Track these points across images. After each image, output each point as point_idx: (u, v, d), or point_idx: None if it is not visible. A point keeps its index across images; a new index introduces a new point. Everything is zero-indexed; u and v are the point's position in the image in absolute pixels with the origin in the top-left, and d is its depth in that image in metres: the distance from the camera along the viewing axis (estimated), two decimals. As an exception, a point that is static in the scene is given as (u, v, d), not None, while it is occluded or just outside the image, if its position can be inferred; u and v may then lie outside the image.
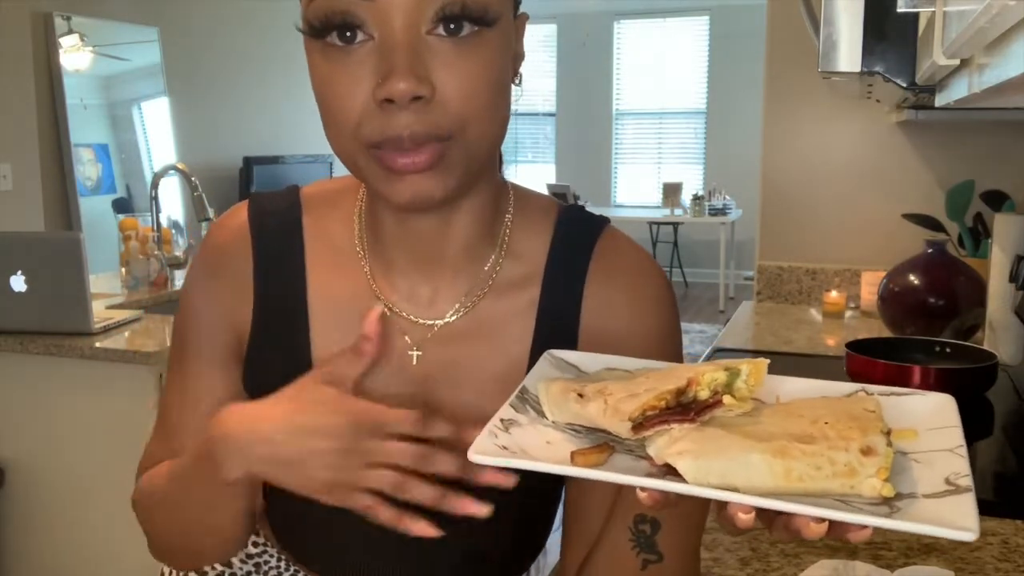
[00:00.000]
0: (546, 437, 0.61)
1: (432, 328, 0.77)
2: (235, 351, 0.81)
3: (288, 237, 0.81)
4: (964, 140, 2.42)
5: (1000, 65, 0.55)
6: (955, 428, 0.59)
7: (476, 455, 0.56)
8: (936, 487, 0.53)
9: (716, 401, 0.58)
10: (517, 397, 0.63)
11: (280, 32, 6.07)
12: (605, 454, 0.58)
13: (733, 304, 7.22)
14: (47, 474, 2.36)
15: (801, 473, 0.53)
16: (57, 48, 4.54)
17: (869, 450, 0.54)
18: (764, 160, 2.62)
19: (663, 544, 0.72)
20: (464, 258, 0.76)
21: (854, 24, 0.95)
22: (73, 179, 4.65)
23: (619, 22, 9.23)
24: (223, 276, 0.81)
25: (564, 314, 0.78)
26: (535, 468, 0.56)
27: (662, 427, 0.57)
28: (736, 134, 8.63)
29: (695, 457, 0.54)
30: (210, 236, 0.84)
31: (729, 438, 0.55)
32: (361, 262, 0.79)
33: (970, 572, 1.02)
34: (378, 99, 0.62)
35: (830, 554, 1.04)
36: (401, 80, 0.61)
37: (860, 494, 0.53)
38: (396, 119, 0.63)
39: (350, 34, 0.64)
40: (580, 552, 0.78)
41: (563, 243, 0.79)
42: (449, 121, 0.64)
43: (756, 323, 2.40)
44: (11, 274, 2.28)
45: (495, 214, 0.78)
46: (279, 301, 0.80)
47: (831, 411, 0.58)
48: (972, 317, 1.99)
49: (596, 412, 0.58)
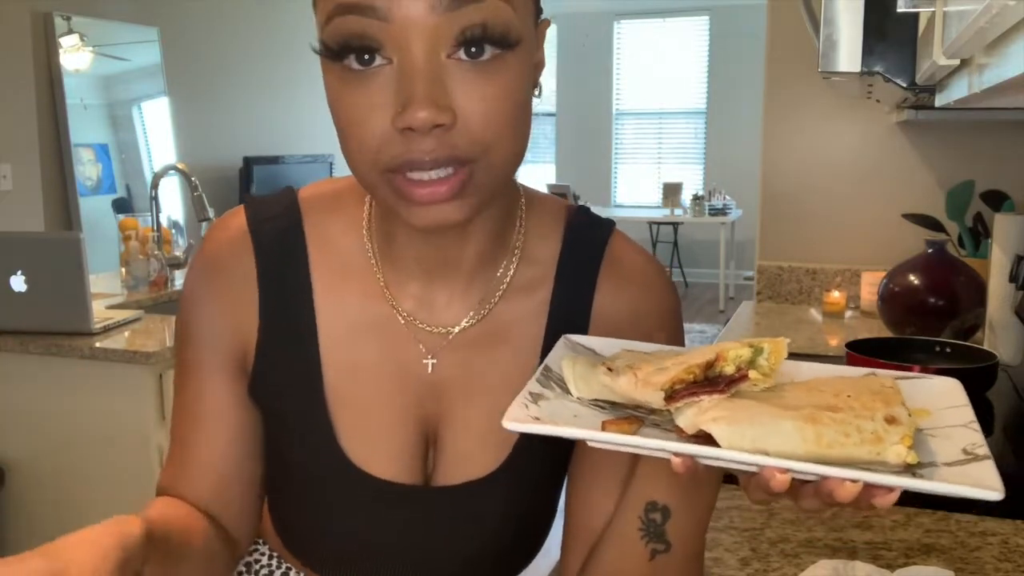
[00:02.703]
0: (573, 411, 0.62)
1: (447, 336, 0.77)
2: (239, 362, 0.79)
3: (289, 243, 0.79)
4: (964, 140, 2.42)
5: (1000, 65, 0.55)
6: (966, 407, 0.60)
7: (510, 423, 0.56)
8: (955, 457, 0.55)
9: (742, 375, 0.60)
10: (542, 374, 0.64)
11: (280, 32, 6.07)
12: (635, 425, 0.60)
13: (733, 304, 7.22)
14: (47, 474, 2.36)
15: (831, 440, 0.54)
16: (57, 48, 4.54)
17: (893, 419, 0.55)
18: (764, 160, 2.62)
19: (672, 533, 0.73)
20: (479, 265, 0.76)
21: (854, 24, 0.95)
22: (73, 179, 4.65)
23: (619, 22, 9.23)
24: (225, 285, 0.79)
25: (575, 317, 0.79)
26: (568, 435, 0.57)
27: (691, 399, 0.58)
28: (736, 134, 8.63)
29: (729, 423, 0.55)
30: (208, 244, 0.81)
31: (759, 407, 0.56)
32: (373, 269, 0.78)
33: (970, 572, 1.02)
34: (398, 127, 0.61)
35: (830, 554, 1.04)
36: (421, 109, 0.60)
37: (885, 461, 0.54)
38: (417, 144, 0.61)
39: (368, 57, 0.62)
40: (581, 551, 0.78)
41: (573, 247, 0.80)
42: (471, 146, 0.63)
43: (756, 323, 2.40)
44: (11, 274, 2.28)
45: (509, 220, 0.78)
46: (285, 309, 0.78)
47: (851, 387, 0.60)
48: (972, 317, 1.99)
49: (627, 384, 0.60)
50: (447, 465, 0.78)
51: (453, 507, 0.78)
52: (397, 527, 0.78)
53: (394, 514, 0.77)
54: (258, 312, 0.78)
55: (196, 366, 0.79)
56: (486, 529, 0.79)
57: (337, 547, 0.80)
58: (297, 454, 0.78)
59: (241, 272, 0.79)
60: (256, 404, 0.80)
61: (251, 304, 0.79)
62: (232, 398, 0.79)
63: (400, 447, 0.77)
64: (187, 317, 0.81)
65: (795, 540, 1.09)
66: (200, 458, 0.79)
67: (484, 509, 0.78)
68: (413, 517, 0.77)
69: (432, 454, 0.78)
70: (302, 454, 0.78)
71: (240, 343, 0.79)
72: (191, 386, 0.80)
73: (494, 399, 0.76)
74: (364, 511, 0.77)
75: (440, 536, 0.78)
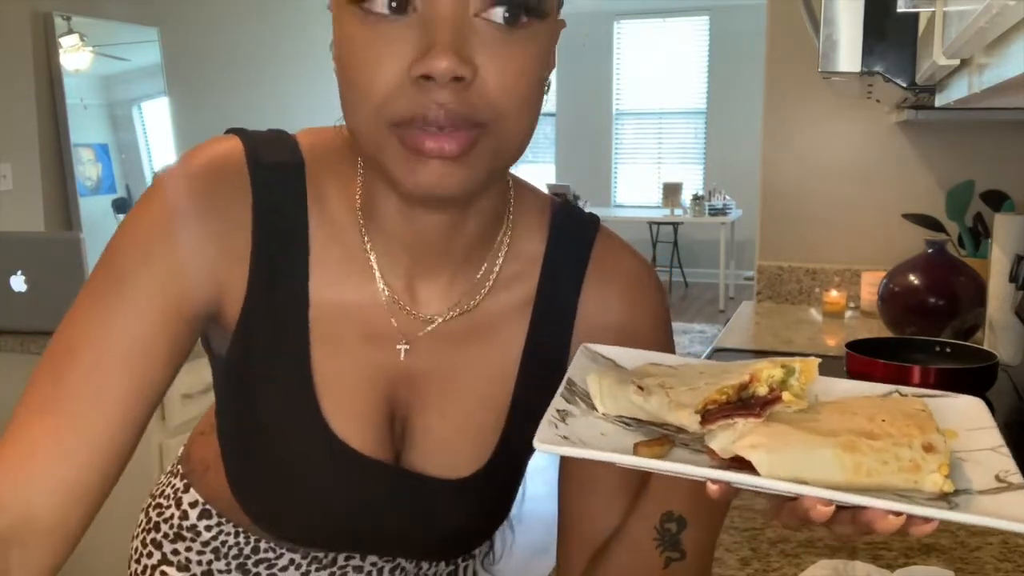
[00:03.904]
0: (599, 429, 0.61)
1: (427, 325, 0.75)
2: (187, 313, 0.69)
3: (291, 199, 0.73)
4: (964, 140, 2.42)
5: (1000, 65, 0.55)
6: (992, 429, 0.60)
7: (542, 444, 0.56)
8: (988, 484, 0.54)
9: (776, 397, 0.58)
10: (567, 389, 0.63)
11: (281, 32, 6.07)
12: (667, 446, 0.59)
13: (733, 304, 7.22)
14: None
15: (869, 468, 0.53)
16: (57, 48, 4.54)
17: (930, 447, 0.55)
18: (764, 160, 2.62)
19: (687, 542, 0.72)
20: (465, 259, 0.75)
21: (854, 24, 0.95)
22: (73, 179, 4.65)
23: (619, 22, 9.23)
24: (215, 219, 0.70)
25: (560, 315, 0.78)
26: (602, 458, 0.56)
27: (725, 421, 0.57)
28: (736, 134, 8.63)
29: (768, 451, 0.54)
30: (198, 166, 0.71)
31: (797, 433, 0.55)
32: (363, 243, 0.74)
33: (970, 572, 1.02)
34: (414, 75, 0.58)
35: (830, 554, 1.04)
36: (443, 57, 0.57)
37: (921, 489, 0.53)
38: (431, 95, 0.58)
39: (397, 3, 0.59)
40: (582, 554, 0.77)
41: (559, 243, 0.79)
42: (486, 108, 0.60)
43: (756, 323, 2.40)
44: (11, 274, 2.28)
45: (499, 214, 0.76)
46: (280, 271, 0.72)
47: (884, 410, 0.59)
48: (972, 317, 1.99)
49: (660, 405, 0.59)
50: (420, 451, 0.76)
51: (426, 497, 0.76)
52: (365, 497, 0.76)
53: (364, 484, 0.75)
54: (248, 268, 0.72)
55: (132, 300, 0.68)
56: (457, 522, 0.78)
57: (304, 513, 0.77)
58: (274, 416, 0.74)
59: (235, 215, 0.71)
60: (230, 364, 0.75)
61: (240, 257, 0.71)
62: (156, 361, 0.68)
63: (371, 420, 0.75)
64: (147, 234, 0.69)
65: (795, 540, 1.09)
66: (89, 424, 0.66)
67: (459, 506, 0.77)
68: (380, 490, 0.76)
69: (403, 435, 0.76)
70: (281, 417, 0.74)
71: (209, 293, 0.71)
72: (110, 320, 0.67)
73: (473, 393, 0.76)
74: (333, 477, 0.75)
75: (405, 517, 0.77)
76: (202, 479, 0.86)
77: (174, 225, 0.69)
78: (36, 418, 0.65)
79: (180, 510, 0.87)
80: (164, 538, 0.87)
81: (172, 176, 0.72)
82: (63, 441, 0.65)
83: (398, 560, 0.85)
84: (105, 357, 0.67)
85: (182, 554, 0.86)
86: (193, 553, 0.85)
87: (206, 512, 0.85)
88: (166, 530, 0.87)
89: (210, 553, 0.85)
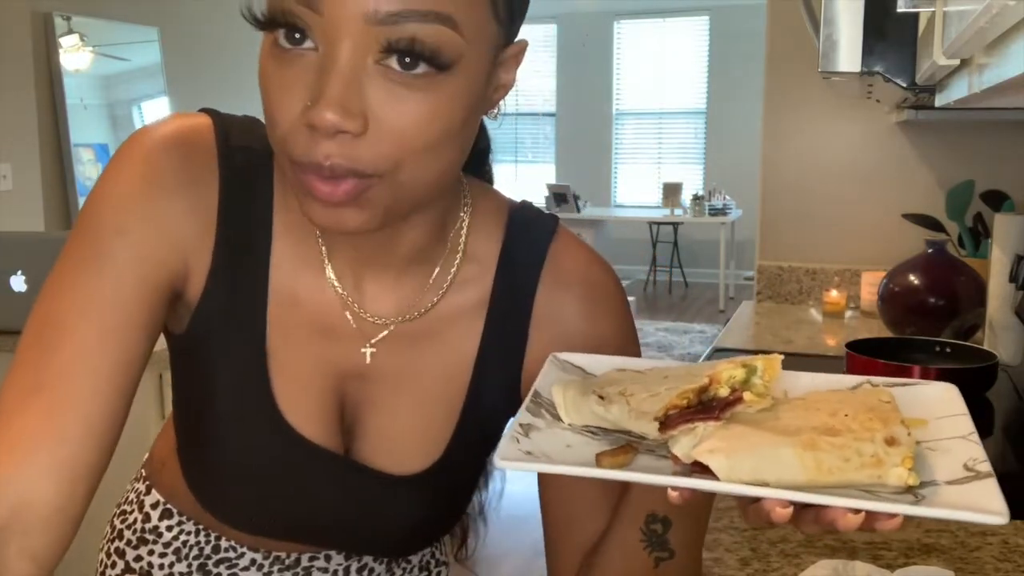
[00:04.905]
0: (565, 440, 0.61)
1: (382, 330, 0.75)
2: (167, 276, 0.70)
3: (257, 181, 0.74)
4: (964, 140, 2.42)
5: (1000, 65, 0.56)
6: (964, 416, 0.59)
7: (503, 462, 0.55)
8: (956, 474, 0.54)
9: (736, 398, 0.58)
10: (532, 401, 0.63)
11: (280, 32, 6.07)
12: (630, 455, 0.59)
13: (733, 304, 7.22)
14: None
15: (831, 465, 0.53)
16: (57, 48, 4.54)
17: (893, 440, 0.54)
18: (764, 160, 2.62)
19: (674, 541, 0.73)
20: (411, 260, 0.74)
21: (854, 24, 0.95)
22: (73, 179, 4.65)
23: (619, 22, 9.23)
24: (181, 197, 0.70)
25: (515, 316, 0.77)
26: (563, 472, 0.56)
27: (686, 426, 0.57)
28: (736, 134, 8.64)
29: (727, 455, 0.54)
30: (169, 137, 0.71)
31: (757, 434, 0.55)
32: (318, 238, 0.74)
33: (970, 572, 1.02)
34: (303, 123, 0.59)
35: (830, 554, 1.04)
36: (328, 110, 0.57)
37: (885, 484, 0.53)
38: (319, 145, 0.58)
39: (299, 36, 0.59)
40: (572, 559, 0.77)
41: (515, 244, 0.78)
42: (377, 160, 0.59)
43: (756, 323, 2.41)
44: (11, 274, 2.28)
45: (451, 216, 0.76)
46: (242, 254, 0.73)
47: (847, 404, 0.59)
48: (972, 317, 1.99)
49: (620, 414, 0.58)
50: (370, 446, 0.76)
51: (375, 490, 0.77)
52: (314, 487, 0.76)
53: (313, 472, 0.75)
54: (213, 245, 0.72)
55: (112, 270, 0.67)
56: (409, 518, 0.78)
57: (253, 500, 0.77)
58: (226, 396, 0.74)
59: (202, 193, 0.72)
60: (188, 342, 0.75)
61: (207, 233, 0.72)
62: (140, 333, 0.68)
63: (321, 410, 0.75)
64: (122, 203, 0.69)
65: (795, 540, 1.09)
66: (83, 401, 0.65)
67: (410, 502, 0.77)
68: (328, 480, 0.76)
69: (353, 430, 0.77)
70: (232, 397, 0.74)
71: (178, 266, 0.71)
72: (94, 292, 0.67)
73: (425, 392, 0.76)
74: (282, 462, 0.75)
75: (355, 509, 0.77)
76: (160, 475, 0.87)
77: (147, 195, 0.69)
78: (30, 398, 0.65)
79: (143, 513, 0.87)
80: (127, 545, 0.87)
81: (143, 144, 0.71)
82: (58, 420, 0.64)
83: (365, 560, 0.85)
84: (92, 332, 0.66)
85: (144, 559, 0.86)
86: (155, 556, 0.85)
87: (167, 512, 0.85)
88: (129, 536, 0.87)
89: (172, 555, 0.85)
